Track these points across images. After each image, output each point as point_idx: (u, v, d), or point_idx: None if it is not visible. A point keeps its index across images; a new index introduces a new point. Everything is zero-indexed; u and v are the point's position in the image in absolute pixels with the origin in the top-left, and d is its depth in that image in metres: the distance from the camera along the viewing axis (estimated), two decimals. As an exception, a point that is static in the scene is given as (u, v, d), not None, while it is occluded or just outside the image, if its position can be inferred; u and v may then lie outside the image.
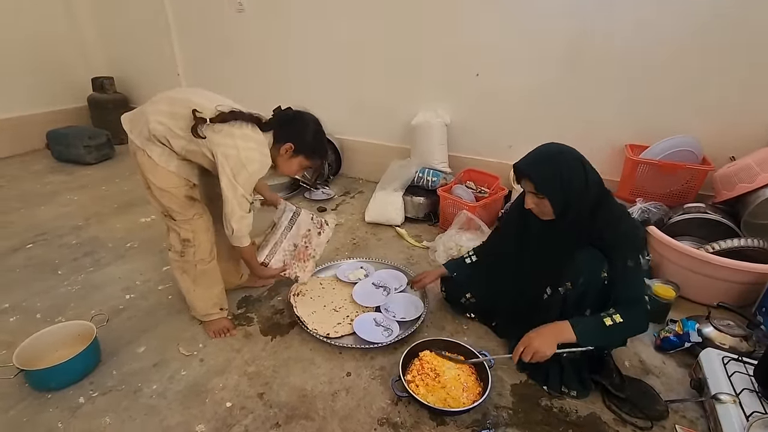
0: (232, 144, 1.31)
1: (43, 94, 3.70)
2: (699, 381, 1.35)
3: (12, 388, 1.37)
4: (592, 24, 2.21)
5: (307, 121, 1.46)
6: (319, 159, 1.51)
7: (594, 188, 1.26)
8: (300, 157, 1.46)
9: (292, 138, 1.41)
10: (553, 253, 1.37)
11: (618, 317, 1.21)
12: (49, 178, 3.13)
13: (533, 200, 1.33)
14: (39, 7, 3.55)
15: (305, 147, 1.44)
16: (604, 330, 1.22)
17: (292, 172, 1.51)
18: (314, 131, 1.46)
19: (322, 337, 1.56)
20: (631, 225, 1.31)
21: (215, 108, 1.32)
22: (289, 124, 1.42)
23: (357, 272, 1.98)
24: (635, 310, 1.24)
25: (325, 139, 1.54)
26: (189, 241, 1.48)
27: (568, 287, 1.31)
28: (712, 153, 2.14)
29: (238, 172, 1.32)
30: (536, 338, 1.26)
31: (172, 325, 1.68)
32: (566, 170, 1.25)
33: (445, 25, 2.54)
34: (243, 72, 3.39)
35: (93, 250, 2.20)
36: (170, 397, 1.36)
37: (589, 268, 1.28)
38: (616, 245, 1.26)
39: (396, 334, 1.59)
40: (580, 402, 1.36)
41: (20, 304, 1.78)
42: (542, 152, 1.30)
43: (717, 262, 1.68)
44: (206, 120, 1.30)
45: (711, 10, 1.97)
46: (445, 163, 2.72)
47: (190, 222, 1.46)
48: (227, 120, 1.31)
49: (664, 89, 2.19)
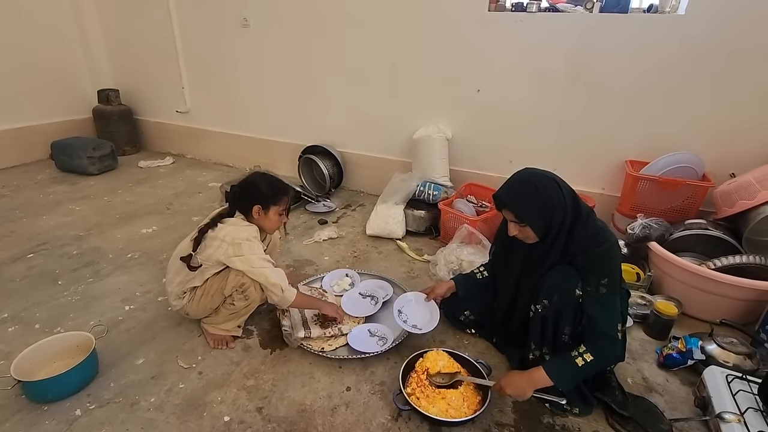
0: (218, 244, 1.49)
1: (49, 105, 3.75)
2: (703, 399, 1.33)
3: (8, 400, 1.35)
4: (593, 41, 2.25)
5: (253, 181, 1.59)
6: (284, 197, 1.61)
7: (573, 205, 1.28)
8: (270, 210, 1.57)
9: (253, 201, 1.55)
10: (536, 271, 1.38)
11: (588, 356, 1.22)
12: (52, 188, 3.14)
13: (516, 228, 1.34)
14: (49, 20, 3.61)
15: (267, 200, 1.56)
16: (578, 370, 1.23)
17: (275, 225, 1.62)
18: (265, 183, 1.58)
19: (317, 352, 1.56)
20: (605, 249, 1.25)
21: (189, 242, 1.53)
22: (242, 195, 1.56)
23: (342, 282, 1.99)
24: (604, 344, 1.24)
25: (276, 180, 1.64)
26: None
27: (545, 304, 1.33)
28: (712, 169, 2.16)
29: (239, 251, 1.47)
30: (512, 386, 1.26)
31: (171, 338, 1.67)
32: (544, 194, 1.26)
33: (446, 42, 2.59)
34: (247, 86, 3.43)
35: (93, 261, 2.19)
36: (168, 411, 1.34)
37: (561, 285, 1.29)
38: (589, 267, 1.26)
39: (391, 342, 1.59)
40: (582, 420, 1.34)
41: (19, 314, 1.77)
42: (519, 180, 1.32)
43: (719, 279, 1.68)
44: (191, 255, 1.50)
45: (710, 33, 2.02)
46: (446, 177, 2.74)
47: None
48: (201, 240, 1.51)
49: (664, 106, 2.22)
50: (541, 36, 2.35)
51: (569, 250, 1.29)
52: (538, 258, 1.37)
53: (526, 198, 1.28)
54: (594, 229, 1.28)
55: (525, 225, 1.30)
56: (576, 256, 1.28)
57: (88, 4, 3.79)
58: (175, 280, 1.57)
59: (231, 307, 1.57)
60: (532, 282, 1.40)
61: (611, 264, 1.26)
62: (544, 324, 1.34)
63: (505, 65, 2.50)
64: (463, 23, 2.51)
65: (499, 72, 2.52)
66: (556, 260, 1.32)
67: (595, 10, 2.25)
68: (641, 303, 1.84)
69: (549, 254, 1.32)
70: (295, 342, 1.59)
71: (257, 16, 3.14)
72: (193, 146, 3.98)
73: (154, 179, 3.44)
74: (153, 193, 3.15)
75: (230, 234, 1.48)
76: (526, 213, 1.29)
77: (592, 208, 1.35)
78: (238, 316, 1.61)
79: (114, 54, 3.98)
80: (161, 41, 3.60)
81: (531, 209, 1.27)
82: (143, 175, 3.53)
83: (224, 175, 3.51)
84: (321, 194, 3.10)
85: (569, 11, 2.31)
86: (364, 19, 2.77)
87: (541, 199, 1.26)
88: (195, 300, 1.56)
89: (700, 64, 2.09)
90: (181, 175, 3.55)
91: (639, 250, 2.08)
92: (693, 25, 2.04)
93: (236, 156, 3.78)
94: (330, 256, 2.33)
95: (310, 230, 2.60)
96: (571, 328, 1.31)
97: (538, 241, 1.33)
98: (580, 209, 1.29)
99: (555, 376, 1.24)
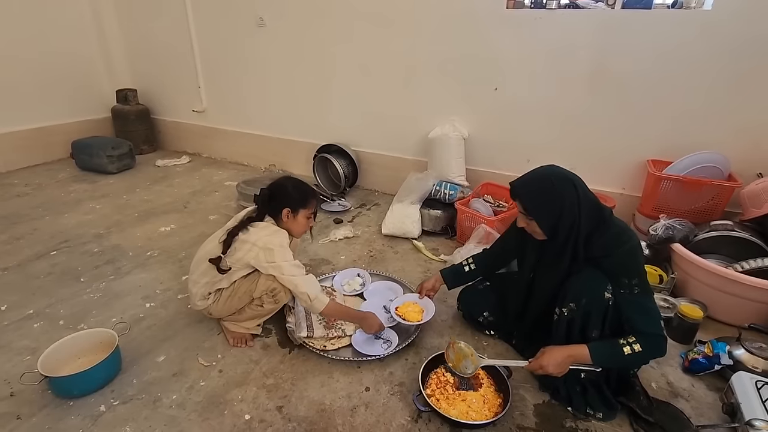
0: (249, 247, 1.49)
1: (69, 105, 3.82)
2: (731, 406, 1.30)
3: (35, 395, 1.38)
4: (615, 38, 2.21)
5: (282, 184, 1.59)
6: (313, 200, 1.62)
7: (588, 212, 1.24)
8: (299, 213, 1.58)
9: (282, 205, 1.55)
10: (551, 273, 1.37)
11: (638, 347, 1.20)
12: (72, 187, 3.20)
13: (524, 220, 1.34)
14: (68, 24, 3.68)
15: (296, 203, 1.56)
16: (623, 357, 1.21)
17: (303, 228, 1.63)
18: (292, 186, 1.59)
19: (318, 351, 1.56)
20: (625, 250, 1.23)
21: (218, 243, 1.52)
22: (271, 198, 1.56)
23: (353, 281, 1.99)
24: (655, 340, 1.22)
25: (304, 184, 1.64)
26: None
27: (572, 308, 1.30)
28: (738, 169, 2.10)
29: (270, 256, 1.48)
30: (551, 361, 1.26)
31: (192, 335, 1.68)
32: (557, 197, 1.24)
33: (463, 40, 2.57)
34: (262, 85, 3.45)
35: (114, 258, 2.23)
36: (189, 408, 1.36)
37: (590, 289, 1.27)
38: (617, 269, 1.24)
39: (395, 345, 1.58)
40: (606, 425, 1.32)
41: (44, 311, 1.81)
42: (537, 175, 1.31)
43: (747, 282, 1.63)
44: (220, 257, 1.49)
45: (737, 28, 1.96)
46: (463, 177, 2.71)
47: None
48: (231, 243, 1.50)
49: (688, 104, 2.17)
50: (560, 33, 2.31)
51: (593, 253, 1.27)
52: (551, 259, 1.35)
53: (538, 193, 1.27)
54: (616, 230, 1.27)
55: (532, 219, 1.30)
56: (601, 259, 1.25)
57: (107, 6, 3.86)
58: (201, 281, 1.57)
59: (258, 309, 1.58)
60: (548, 283, 1.39)
61: (638, 261, 1.25)
62: (570, 327, 1.32)
63: (522, 63, 2.46)
64: (481, 21, 2.48)
65: (517, 70, 2.49)
66: (578, 264, 1.30)
67: (617, 6, 2.20)
68: (665, 306, 1.80)
69: (563, 257, 1.30)
70: (298, 339, 1.60)
71: (273, 16, 3.15)
72: (209, 145, 4.02)
73: (171, 178, 3.48)
74: (170, 191, 3.19)
75: (262, 239, 1.48)
76: (535, 208, 1.28)
77: (611, 210, 1.32)
78: (262, 315, 1.62)
79: (132, 54, 4.04)
80: (178, 41, 3.64)
81: (540, 205, 1.27)
82: (160, 173, 3.58)
83: (239, 174, 3.54)
84: (336, 193, 3.10)
85: (590, 7, 2.26)
86: (380, 18, 2.76)
87: (553, 198, 1.24)
88: (221, 301, 1.57)
89: (726, 61, 2.03)
90: (197, 174, 3.59)
91: (661, 251, 2.04)
92: (720, 20, 1.98)
93: (251, 155, 3.81)
94: (346, 255, 2.33)
95: (325, 229, 2.61)
96: (600, 332, 1.28)
97: (550, 241, 1.31)
98: (601, 214, 1.27)
99: (597, 358, 1.23)
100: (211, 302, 1.58)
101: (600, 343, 1.26)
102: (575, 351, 1.26)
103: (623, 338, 1.23)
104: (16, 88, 3.43)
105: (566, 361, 1.25)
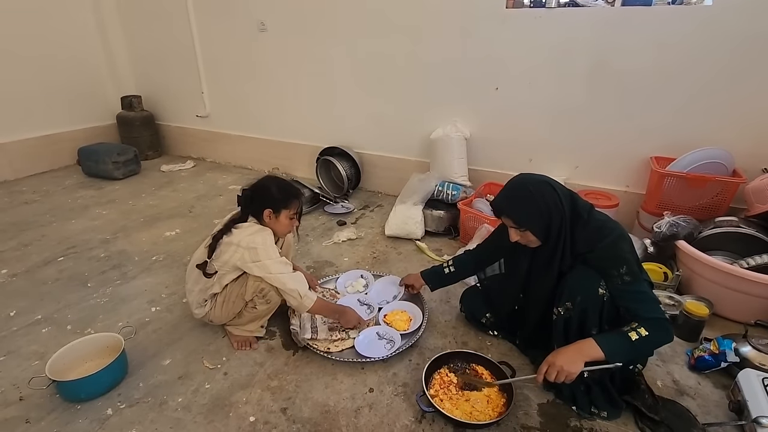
0: (233, 249, 1.49)
1: (75, 112, 3.86)
2: (738, 403, 1.29)
3: (43, 399, 1.40)
4: (615, 36, 2.20)
5: (264, 184, 1.58)
6: (295, 201, 1.60)
7: (571, 206, 1.28)
8: (281, 214, 1.56)
9: (263, 205, 1.54)
10: (547, 276, 1.38)
11: (643, 330, 1.19)
12: (79, 193, 3.24)
13: (517, 234, 1.34)
14: (74, 31, 3.73)
15: (278, 203, 1.55)
16: (631, 344, 1.19)
17: (286, 228, 1.61)
18: (275, 186, 1.57)
19: (322, 353, 1.56)
20: (608, 243, 1.24)
21: (204, 249, 1.55)
22: (253, 199, 1.55)
23: (357, 283, 1.99)
24: (658, 323, 1.21)
25: (287, 184, 1.63)
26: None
27: (568, 307, 1.30)
28: (743, 165, 2.08)
29: (255, 255, 1.47)
30: (561, 357, 1.23)
31: (197, 338, 1.70)
32: (540, 198, 1.27)
33: (463, 40, 2.57)
34: (265, 89, 3.47)
35: (120, 263, 2.25)
36: (195, 411, 1.37)
37: (584, 287, 1.27)
38: (603, 262, 1.25)
39: (398, 346, 1.58)
40: (611, 423, 1.31)
41: (52, 316, 1.83)
42: (514, 186, 1.33)
43: (753, 278, 1.62)
44: (206, 262, 1.51)
45: (739, 22, 1.95)
46: (465, 177, 2.72)
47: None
48: (215, 246, 1.52)
49: (691, 100, 2.15)
50: (560, 32, 2.31)
51: (577, 249, 1.28)
52: (544, 262, 1.36)
53: (523, 202, 1.29)
54: (596, 224, 1.28)
55: (525, 230, 1.31)
56: (586, 255, 1.27)
57: (111, 13, 3.91)
58: (195, 289, 1.59)
59: (254, 311, 1.59)
60: (545, 286, 1.39)
61: (622, 251, 1.24)
62: (567, 326, 1.32)
63: (523, 62, 2.46)
64: (481, 21, 2.48)
65: (518, 69, 2.49)
66: (567, 262, 1.31)
67: (617, 3, 2.19)
68: (670, 303, 1.79)
69: (554, 257, 1.32)
70: (302, 341, 1.60)
71: (274, 20, 3.17)
72: (213, 150, 4.05)
73: (176, 183, 3.51)
74: (175, 196, 3.22)
75: (245, 239, 1.48)
76: (525, 217, 1.30)
77: (592, 205, 1.33)
78: (260, 317, 1.63)
79: (136, 61, 4.09)
80: (181, 47, 3.67)
81: (529, 214, 1.29)
82: (165, 179, 3.61)
83: (244, 178, 3.56)
84: (339, 195, 3.11)
85: (590, 5, 2.26)
86: (380, 20, 2.77)
87: (538, 202, 1.27)
88: (217, 307, 1.58)
89: (728, 56, 2.01)
90: (201, 179, 3.62)
91: (666, 248, 2.02)
92: (722, 15, 1.97)
93: (255, 159, 3.83)
94: (349, 257, 2.34)
95: (329, 231, 2.62)
96: (598, 329, 1.28)
97: (542, 245, 1.33)
98: (578, 209, 1.29)
99: (606, 347, 1.19)
100: (208, 309, 1.60)
101: (605, 335, 1.25)
102: (583, 345, 1.23)
103: (626, 326, 1.21)
104: (23, 97, 3.48)
105: (576, 357, 1.21)
